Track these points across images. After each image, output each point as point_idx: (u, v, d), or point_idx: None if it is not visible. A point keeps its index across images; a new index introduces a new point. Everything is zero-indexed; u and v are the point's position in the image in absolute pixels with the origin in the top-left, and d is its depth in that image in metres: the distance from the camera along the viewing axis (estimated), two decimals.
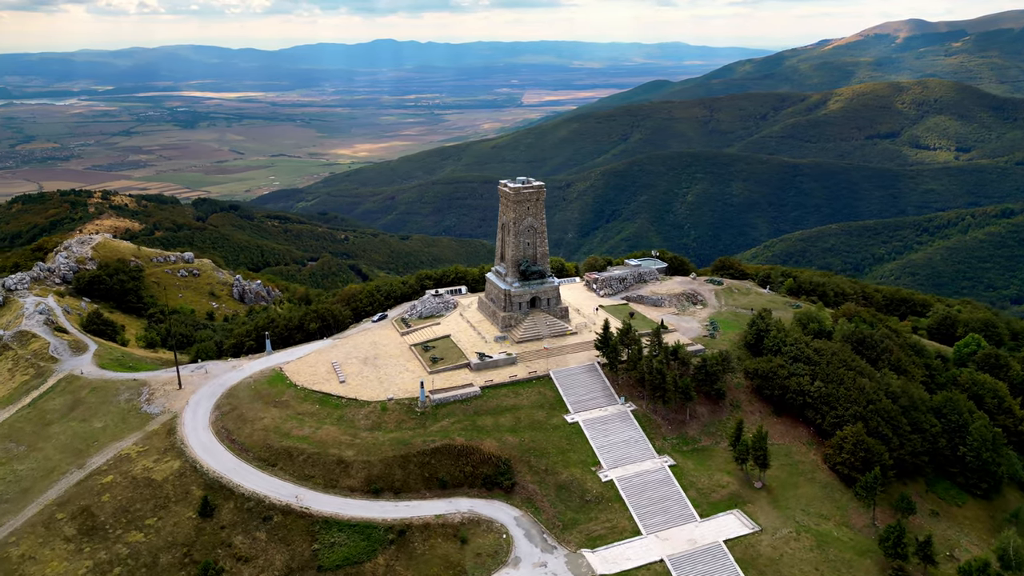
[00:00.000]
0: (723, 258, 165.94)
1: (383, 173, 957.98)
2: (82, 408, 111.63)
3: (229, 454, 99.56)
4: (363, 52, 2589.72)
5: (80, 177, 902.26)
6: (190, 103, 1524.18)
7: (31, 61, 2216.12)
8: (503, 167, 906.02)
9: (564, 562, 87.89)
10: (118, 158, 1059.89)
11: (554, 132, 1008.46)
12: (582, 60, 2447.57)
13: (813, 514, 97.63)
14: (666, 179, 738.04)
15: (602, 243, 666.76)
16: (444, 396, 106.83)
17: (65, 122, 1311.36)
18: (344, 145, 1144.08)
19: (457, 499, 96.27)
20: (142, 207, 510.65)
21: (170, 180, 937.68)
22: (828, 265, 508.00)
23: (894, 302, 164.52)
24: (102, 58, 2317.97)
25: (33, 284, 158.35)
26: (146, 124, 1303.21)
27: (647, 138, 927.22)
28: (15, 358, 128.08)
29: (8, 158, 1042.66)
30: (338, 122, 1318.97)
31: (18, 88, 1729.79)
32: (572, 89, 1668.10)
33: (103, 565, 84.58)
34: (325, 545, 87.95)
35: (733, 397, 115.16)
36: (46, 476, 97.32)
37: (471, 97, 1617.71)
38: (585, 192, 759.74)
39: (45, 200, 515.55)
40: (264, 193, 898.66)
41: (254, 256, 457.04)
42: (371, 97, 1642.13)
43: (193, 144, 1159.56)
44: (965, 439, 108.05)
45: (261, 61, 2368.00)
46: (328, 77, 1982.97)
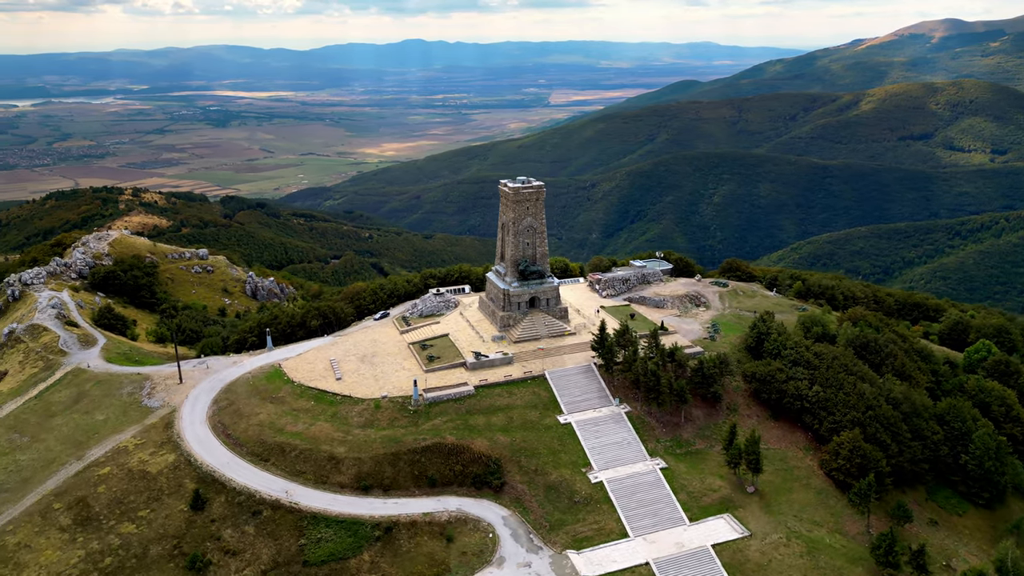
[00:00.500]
0: (730, 260, 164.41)
1: (409, 172, 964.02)
2: (86, 401, 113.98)
3: (224, 448, 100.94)
4: (392, 52, 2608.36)
5: (115, 174, 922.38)
6: (222, 102, 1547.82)
7: (69, 60, 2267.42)
8: (528, 167, 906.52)
9: (549, 563, 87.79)
10: (152, 156, 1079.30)
11: (580, 132, 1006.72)
12: (610, 60, 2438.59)
13: (806, 520, 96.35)
14: (692, 180, 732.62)
15: (627, 243, 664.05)
16: (437, 395, 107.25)
17: (101, 120, 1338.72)
18: (372, 144, 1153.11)
19: (446, 498, 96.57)
20: (171, 204, 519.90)
21: (202, 178, 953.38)
22: (856, 268, 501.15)
23: (906, 307, 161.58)
24: (138, 58, 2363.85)
25: (49, 279, 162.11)
26: (179, 123, 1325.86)
27: (674, 138, 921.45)
28: (26, 351, 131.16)
29: (46, 155, 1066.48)
30: (367, 121, 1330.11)
31: (56, 87, 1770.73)
32: (600, 89, 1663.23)
33: (95, 555, 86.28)
34: (312, 540, 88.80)
35: (730, 400, 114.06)
36: (46, 467, 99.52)
37: (498, 97, 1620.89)
38: (610, 192, 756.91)
39: (78, 197, 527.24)
40: (293, 191, 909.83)
41: (278, 253, 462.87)
42: (399, 97, 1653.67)
43: (224, 142, 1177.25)
44: (968, 447, 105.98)
45: (292, 61, 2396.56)
46: (357, 77, 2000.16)
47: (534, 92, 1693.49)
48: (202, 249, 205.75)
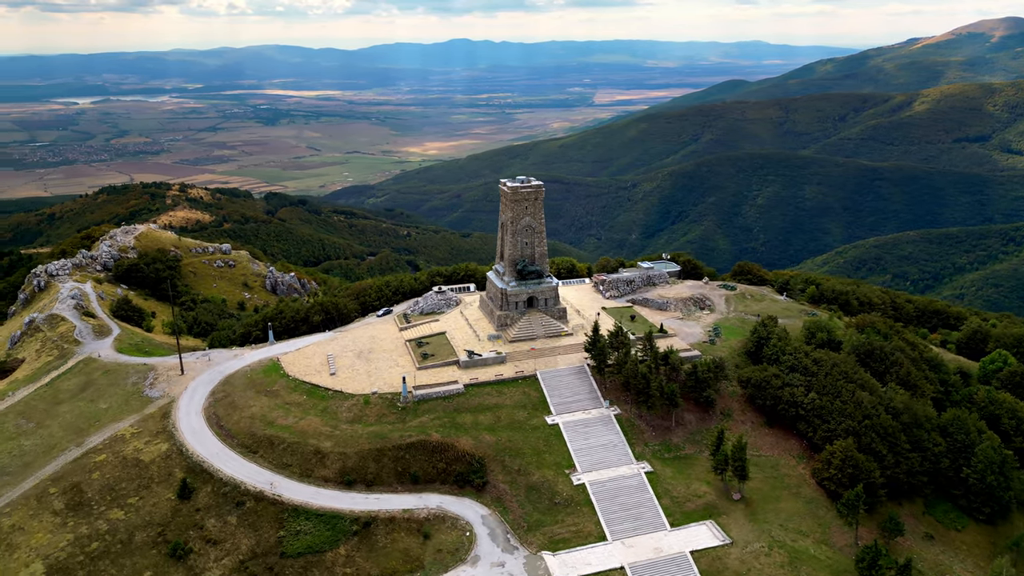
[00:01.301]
0: (742, 263, 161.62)
1: (451, 171, 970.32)
2: (92, 389, 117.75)
3: (215, 439, 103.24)
4: (438, 51, 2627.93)
5: (168, 170, 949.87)
6: (272, 101, 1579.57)
7: (128, 60, 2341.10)
8: (569, 166, 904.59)
9: (523, 563, 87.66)
10: (204, 153, 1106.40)
11: (623, 132, 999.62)
12: (656, 59, 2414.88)
13: (791, 530, 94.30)
14: (736, 181, 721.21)
15: (667, 245, 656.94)
16: (427, 392, 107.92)
17: (157, 118, 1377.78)
18: (415, 143, 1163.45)
19: (428, 495, 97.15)
20: (215, 200, 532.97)
21: (250, 174, 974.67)
22: (904, 274, 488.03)
23: (926, 314, 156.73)
24: (193, 57, 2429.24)
25: (74, 270, 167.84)
26: (231, 121, 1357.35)
27: (718, 139, 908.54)
28: (43, 339, 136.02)
29: (104, 151, 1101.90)
30: (411, 120, 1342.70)
31: (115, 85, 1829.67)
32: (645, 89, 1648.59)
33: (83, 539, 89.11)
34: (291, 533, 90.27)
35: (725, 406, 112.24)
36: (47, 452, 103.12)
37: (542, 96, 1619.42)
38: (651, 193, 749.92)
39: (128, 192, 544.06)
40: (337, 189, 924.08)
41: (315, 249, 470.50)
42: (444, 96, 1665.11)
43: (273, 140, 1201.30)
44: (970, 460, 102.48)
45: (340, 60, 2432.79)
46: (403, 76, 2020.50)
47: (578, 92, 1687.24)
48: (225, 244, 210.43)
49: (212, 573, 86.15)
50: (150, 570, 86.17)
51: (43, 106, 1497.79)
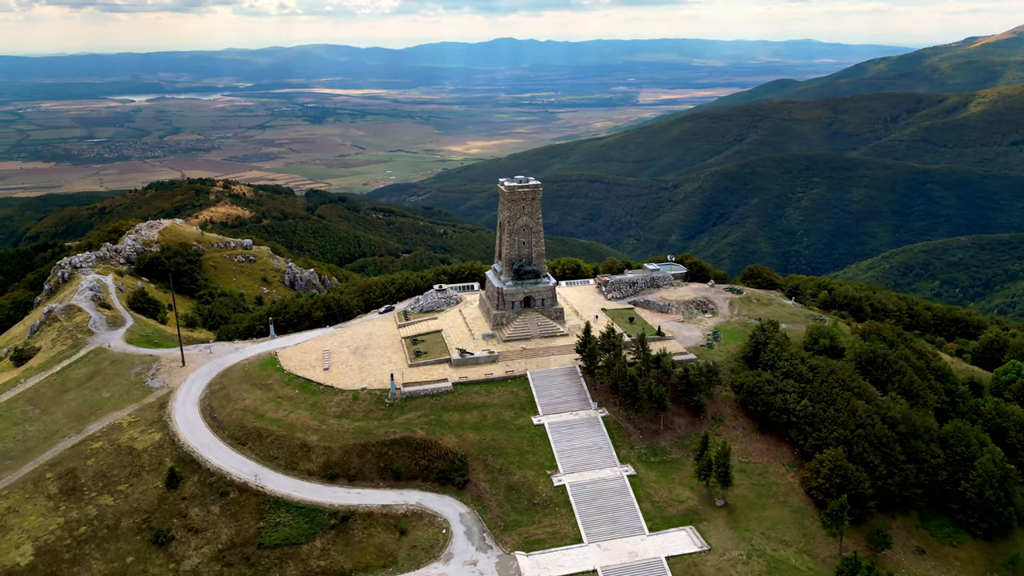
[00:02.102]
0: (753, 266, 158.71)
1: (492, 170, 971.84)
2: (98, 378, 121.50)
3: (207, 430, 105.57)
4: (483, 51, 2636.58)
5: (218, 167, 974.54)
6: (319, 99, 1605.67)
7: (182, 58, 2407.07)
8: (610, 166, 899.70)
9: (494, 562, 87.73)
10: (252, 150, 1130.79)
11: (666, 131, 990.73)
12: (704, 58, 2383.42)
13: (773, 539, 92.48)
14: (779, 183, 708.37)
15: (707, 246, 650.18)
16: (415, 389, 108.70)
17: (209, 116, 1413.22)
18: (458, 142, 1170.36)
19: (409, 491, 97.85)
20: (257, 196, 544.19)
21: (296, 172, 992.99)
22: (954, 280, 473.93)
23: (944, 322, 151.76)
24: (244, 56, 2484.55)
25: (98, 263, 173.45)
26: (279, 119, 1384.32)
27: (763, 139, 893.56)
28: (60, 329, 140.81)
29: (157, 148, 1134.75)
30: (454, 119, 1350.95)
31: (170, 83, 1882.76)
32: (691, 88, 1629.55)
33: (72, 523, 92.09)
34: (270, 524, 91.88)
35: (717, 410, 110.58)
36: (48, 438, 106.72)
37: (586, 95, 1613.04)
38: (692, 194, 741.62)
39: (174, 187, 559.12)
40: (380, 187, 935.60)
41: (351, 246, 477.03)
42: (488, 95, 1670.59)
43: (319, 138, 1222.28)
44: (969, 473, 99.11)
45: (386, 59, 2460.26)
46: (448, 75, 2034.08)
47: (622, 91, 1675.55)
48: (247, 239, 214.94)
49: (191, 561, 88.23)
50: (132, 555, 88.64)
51: (101, 103, 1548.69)
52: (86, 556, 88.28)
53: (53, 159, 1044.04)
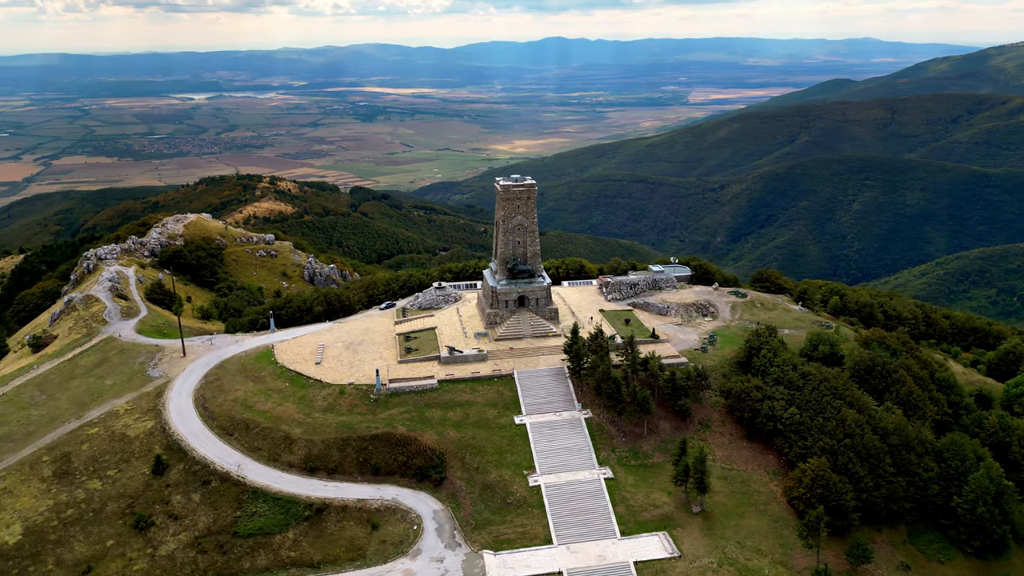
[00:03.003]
0: (761, 270, 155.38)
1: (537, 169, 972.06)
2: (104, 366, 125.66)
3: (198, 420, 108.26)
4: (532, 50, 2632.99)
5: (270, 163, 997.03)
6: (370, 98, 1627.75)
7: (240, 57, 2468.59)
8: (656, 166, 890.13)
9: (461, 561, 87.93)
10: (304, 147, 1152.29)
11: (714, 132, 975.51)
12: (757, 57, 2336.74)
13: (749, 548, 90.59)
14: (831, 185, 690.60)
15: (753, 249, 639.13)
16: (400, 386, 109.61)
17: (263, 114, 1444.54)
18: (504, 141, 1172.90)
19: (386, 486, 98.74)
20: (302, 192, 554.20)
21: (345, 169, 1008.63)
22: (1011, 288, 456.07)
23: (962, 331, 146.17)
24: (299, 56, 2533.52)
25: (122, 255, 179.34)
26: (331, 117, 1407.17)
27: (816, 140, 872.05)
28: (77, 318, 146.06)
29: (214, 144, 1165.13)
30: (502, 118, 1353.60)
31: (228, 82, 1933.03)
32: (743, 87, 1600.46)
33: (60, 505, 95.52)
34: (247, 514, 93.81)
35: (705, 416, 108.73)
36: (49, 423, 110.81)
37: (635, 95, 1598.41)
38: (739, 195, 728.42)
39: (223, 183, 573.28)
40: (426, 184, 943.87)
41: (389, 243, 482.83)
42: (536, 94, 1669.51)
43: (369, 136, 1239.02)
44: (962, 488, 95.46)
45: (436, 59, 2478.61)
46: (497, 74, 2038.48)
47: (672, 90, 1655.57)
48: (269, 235, 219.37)
49: (168, 546, 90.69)
50: (113, 539, 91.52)
51: (162, 101, 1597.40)
52: (70, 538, 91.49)
53: (116, 154, 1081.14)
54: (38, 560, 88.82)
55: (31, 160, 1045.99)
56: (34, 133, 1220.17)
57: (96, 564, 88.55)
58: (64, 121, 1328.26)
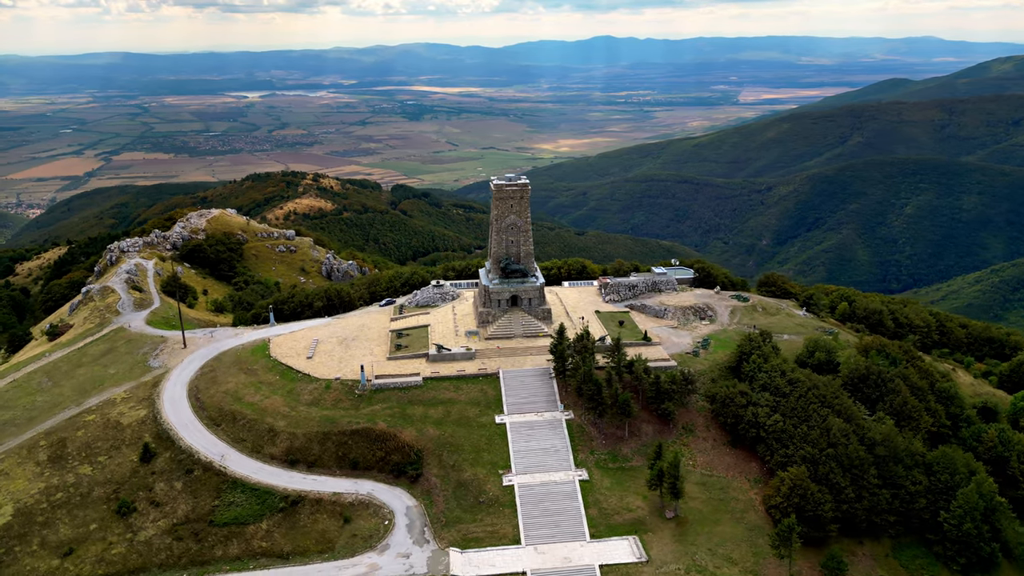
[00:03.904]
0: (768, 274, 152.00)
1: (580, 168, 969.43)
2: (110, 356, 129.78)
3: (189, 410, 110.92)
4: (580, 49, 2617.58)
5: (319, 161, 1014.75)
6: (418, 97, 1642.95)
7: (293, 57, 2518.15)
8: (702, 166, 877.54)
9: (427, 557, 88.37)
10: (352, 145, 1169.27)
11: (762, 132, 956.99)
12: (812, 56, 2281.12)
13: (720, 555, 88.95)
14: (882, 187, 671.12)
15: (800, 253, 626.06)
16: (385, 382, 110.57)
17: (314, 112, 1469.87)
18: (549, 140, 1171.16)
19: (363, 481, 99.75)
20: (344, 190, 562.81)
21: (391, 167, 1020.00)
22: None
23: (978, 341, 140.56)
24: (350, 55, 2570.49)
25: (144, 248, 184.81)
26: (379, 115, 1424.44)
27: (868, 141, 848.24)
28: (93, 308, 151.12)
29: (265, 142, 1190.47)
30: (547, 117, 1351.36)
31: (281, 81, 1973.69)
32: (796, 87, 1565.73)
33: (51, 489, 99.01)
34: (224, 503, 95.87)
35: (689, 420, 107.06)
36: (51, 409, 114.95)
37: (683, 94, 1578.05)
38: (786, 197, 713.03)
39: (268, 179, 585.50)
40: (469, 183, 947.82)
41: (425, 241, 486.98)
42: (582, 93, 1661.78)
43: (415, 135, 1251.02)
44: (950, 503, 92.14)
45: (484, 58, 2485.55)
46: (544, 73, 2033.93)
47: (722, 90, 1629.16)
48: (290, 231, 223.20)
49: (147, 532, 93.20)
50: (96, 523, 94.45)
51: (217, 99, 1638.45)
52: (56, 520, 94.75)
53: (172, 150, 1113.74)
54: (24, 541, 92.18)
55: (93, 155, 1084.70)
56: (96, 129, 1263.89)
57: (78, 547, 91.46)
58: (125, 118, 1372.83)
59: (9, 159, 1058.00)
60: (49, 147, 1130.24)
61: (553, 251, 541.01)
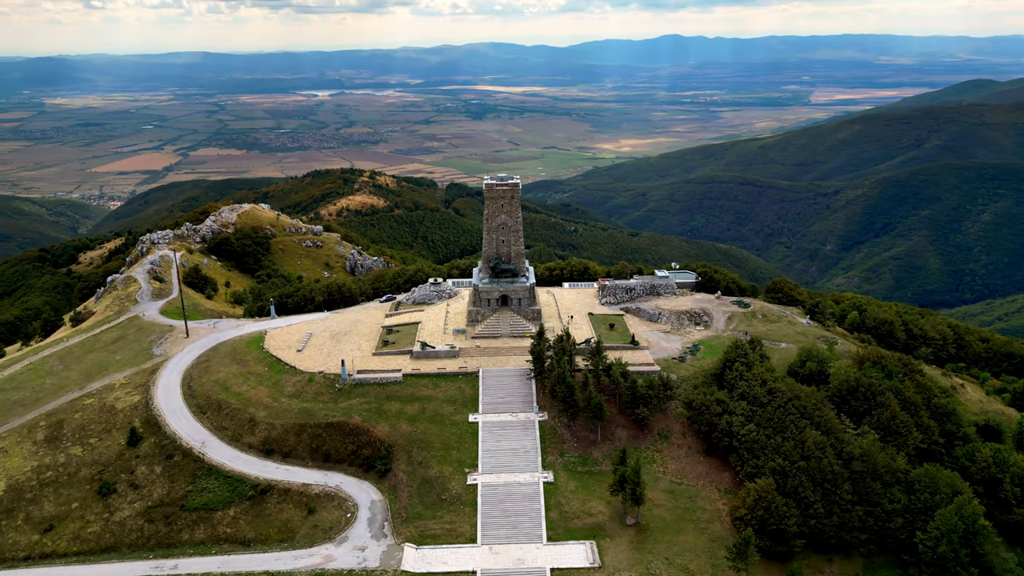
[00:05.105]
0: (776, 280, 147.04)
1: (641, 169, 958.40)
2: (120, 342, 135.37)
3: (180, 398, 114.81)
4: (646, 48, 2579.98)
5: (383, 158, 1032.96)
6: (481, 96, 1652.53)
7: (363, 56, 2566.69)
8: (767, 168, 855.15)
9: (382, 552, 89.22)
10: (416, 144, 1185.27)
11: (832, 133, 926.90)
12: (890, 55, 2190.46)
13: (676, 565, 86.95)
14: (958, 193, 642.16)
15: (866, 259, 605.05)
16: (366, 377, 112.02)
17: (380, 111, 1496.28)
18: (611, 140, 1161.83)
19: (334, 473, 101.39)
20: (399, 187, 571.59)
21: (453, 165, 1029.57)
22: None
23: (997, 357, 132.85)
24: (417, 54, 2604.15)
25: (175, 240, 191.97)
26: (443, 114, 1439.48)
27: (946, 144, 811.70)
28: (115, 297, 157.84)
29: (333, 139, 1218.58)
30: (610, 117, 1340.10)
31: (350, 80, 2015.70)
32: (872, 87, 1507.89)
33: (42, 467, 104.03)
34: (197, 489, 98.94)
35: (666, 427, 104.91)
36: (56, 391, 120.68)
37: (752, 94, 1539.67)
38: (854, 201, 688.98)
39: (327, 176, 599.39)
40: (528, 183, 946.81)
41: (473, 238, 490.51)
42: (647, 93, 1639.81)
43: (478, 134, 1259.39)
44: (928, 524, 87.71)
45: (549, 57, 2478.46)
46: (609, 73, 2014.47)
47: (793, 90, 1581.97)
48: (317, 226, 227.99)
49: (123, 513, 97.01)
50: (78, 502, 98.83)
51: (289, 97, 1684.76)
52: (42, 497, 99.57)
53: (245, 147, 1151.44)
54: (11, 515, 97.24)
55: (171, 151, 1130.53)
56: (175, 126, 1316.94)
57: (58, 524, 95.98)
58: (202, 115, 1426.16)
59: (95, 153, 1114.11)
60: (131, 142, 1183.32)
61: (605, 252, 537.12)
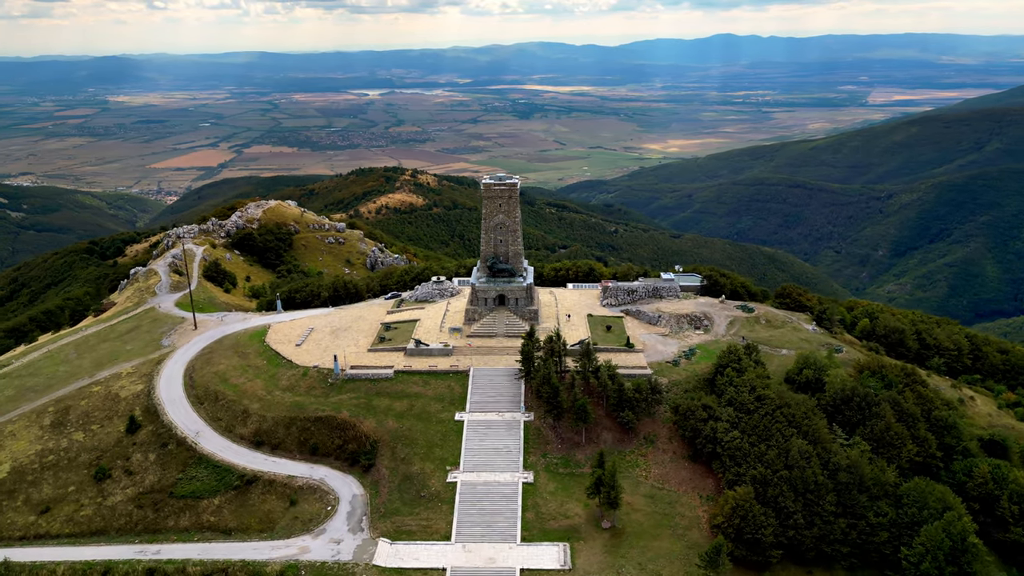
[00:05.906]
0: (785, 285, 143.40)
1: (688, 169, 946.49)
2: (133, 333, 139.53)
3: (180, 388, 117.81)
4: (697, 47, 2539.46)
5: (430, 157, 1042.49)
6: (529, 96, 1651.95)
7: (412, 56, 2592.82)
8: (818, 170, 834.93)
9: (356, 545, 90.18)
10: (463, 143, 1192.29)
11: (888, 135, 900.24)
12: (953, 55, 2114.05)
13: (649, 571, 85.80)
14: (1019, 199, 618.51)
15: (919, 266, 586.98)
16: (358, 372, 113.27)
17: (428, 110, 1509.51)
18: (658, 140, 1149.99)
19: (319, 467, 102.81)
20: (440, 186, 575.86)
21: (498, 164, 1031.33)
22: None
23: (1015, 369, 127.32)
24: (466, 54, 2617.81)
25: (200, 235, 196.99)
26: (491, 114, 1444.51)
27: (1008, 148, 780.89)
28: (136, 288, 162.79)
29: (382, 138, 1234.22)
30: (658, 117, 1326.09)
31: (400, 79, 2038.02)
32: (933, 88, 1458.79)
33: (45, 452, 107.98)
34: (187, 477, 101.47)
35: (652, 431, 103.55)
36: (68, 379, 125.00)
37: (806, 95, 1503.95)
38: (908, 205, 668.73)
39: (370, 174, 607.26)
40: (573, 182, 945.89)
41: None
42: (697, 93, 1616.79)
43: (524, 133, 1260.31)
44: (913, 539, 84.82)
45: (598, 56, 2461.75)
46: (658, 72, 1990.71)
47: (850, 90, 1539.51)
48: (340, 223, 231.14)
49: (115, 498, 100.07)
50: (75, 486, 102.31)
51: (340, 96, 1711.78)
52: (42, 480, 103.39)
53: (296, 144, 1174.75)
54: (12, 496, 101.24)
55: (226, 148, 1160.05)
56: (231, 124, 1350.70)
57: (54, 506, 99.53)
58: (257, 113, 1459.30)
59: (154, 149, 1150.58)
60: (189, 139, 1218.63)
61: (645, 253, 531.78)
